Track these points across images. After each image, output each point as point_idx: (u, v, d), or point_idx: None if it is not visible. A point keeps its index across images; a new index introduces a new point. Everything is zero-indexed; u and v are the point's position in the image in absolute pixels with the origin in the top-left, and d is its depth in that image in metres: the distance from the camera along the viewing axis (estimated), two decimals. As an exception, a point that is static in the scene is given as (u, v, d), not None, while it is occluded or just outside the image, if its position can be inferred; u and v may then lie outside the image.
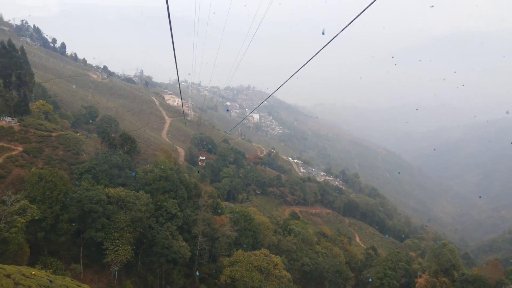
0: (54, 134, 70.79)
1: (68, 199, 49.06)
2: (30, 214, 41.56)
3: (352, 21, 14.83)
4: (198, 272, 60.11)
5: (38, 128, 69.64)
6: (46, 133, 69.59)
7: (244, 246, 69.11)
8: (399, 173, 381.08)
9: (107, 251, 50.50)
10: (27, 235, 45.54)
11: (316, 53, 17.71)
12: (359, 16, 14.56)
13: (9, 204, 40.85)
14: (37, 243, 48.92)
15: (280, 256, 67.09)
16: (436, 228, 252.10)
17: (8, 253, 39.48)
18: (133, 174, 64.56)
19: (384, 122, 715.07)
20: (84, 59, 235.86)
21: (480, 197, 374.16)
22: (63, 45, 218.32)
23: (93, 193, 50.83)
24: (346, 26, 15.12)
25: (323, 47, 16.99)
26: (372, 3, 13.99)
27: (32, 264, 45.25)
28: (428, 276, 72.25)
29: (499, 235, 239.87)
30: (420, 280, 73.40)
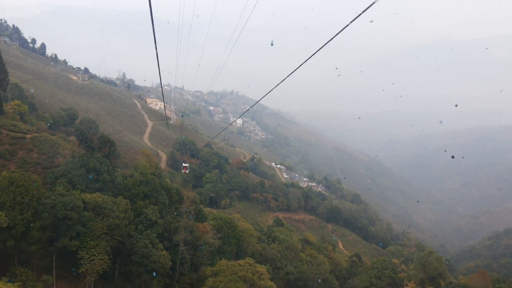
0: (28, 136, 67.36)
1: (40, 205, 46.14)
2: (-3, 222, 38.65)
3: (336, 35, 15.15)
4: (179, 283, 57.53)
5: (12, 130, 66.10)
6: (20, 135, 66.09)
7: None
8: (418, 201, 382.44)
9: (82, 260, 47.42)
10: (-5, 243, 42.73)
11: (301, 65, 18.22)
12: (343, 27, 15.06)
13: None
14: (7, 252, 45.83)
15: (265, 265, 64.98)
16: (417, 234, 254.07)
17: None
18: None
19: (367, 128, 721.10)
20: (64, 60, 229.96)
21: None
22: (43, 46, 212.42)
23: (68, 198, 47.90)
24: (328, 42, 15.65)
25: (308, 59, 17.50)
26: (360, 14, 14.29)
27: (0, 274, 42.35)
28: (414, 285, 71.18)
29: (478, 241, 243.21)
30: (406, 288, 72.31)
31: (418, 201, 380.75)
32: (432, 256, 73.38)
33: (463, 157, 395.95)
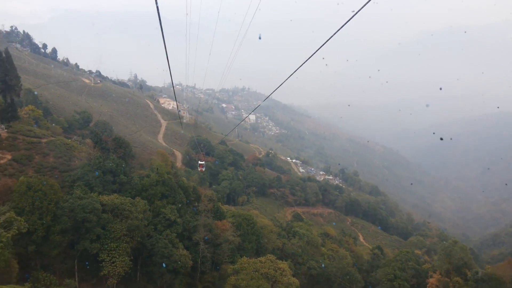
0: (44, 140, 67.51)
1: (59, 209, 45.86)
2: (16, 227, 38.31)
3: (342, 27, 15.07)
4: (201, 281, 56.90)
5: (27, 135, 66.31)
6: (35, 140, 66.30)
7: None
8: (411, 184, 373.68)
9: (103, 263, 47.24)
10: (17, 248, 42.33)
11: (309, 57, 18.11)
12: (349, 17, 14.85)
13: (-7, 217, 37.63)
14: (28, 257, 45.72)
15: (286, 261, 63.98)
16: (437, 223, 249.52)
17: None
18: None
19: (381, 119, 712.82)
20: (76, 64, 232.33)
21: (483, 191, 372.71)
22: (54, 51, 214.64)
23: (86, 201, 47.59)
24: (334, 33, 15.51)
25: (316, 50, 17.33)
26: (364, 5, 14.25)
27: (23, 279, 42.10)
28: (440, 276, 69.30)
29: (501, 228, 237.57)
30: (431, 280, 70.31)
31: (411, 184, 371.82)
32: (456, 246, 71.24)
33: (451, 139, 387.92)
